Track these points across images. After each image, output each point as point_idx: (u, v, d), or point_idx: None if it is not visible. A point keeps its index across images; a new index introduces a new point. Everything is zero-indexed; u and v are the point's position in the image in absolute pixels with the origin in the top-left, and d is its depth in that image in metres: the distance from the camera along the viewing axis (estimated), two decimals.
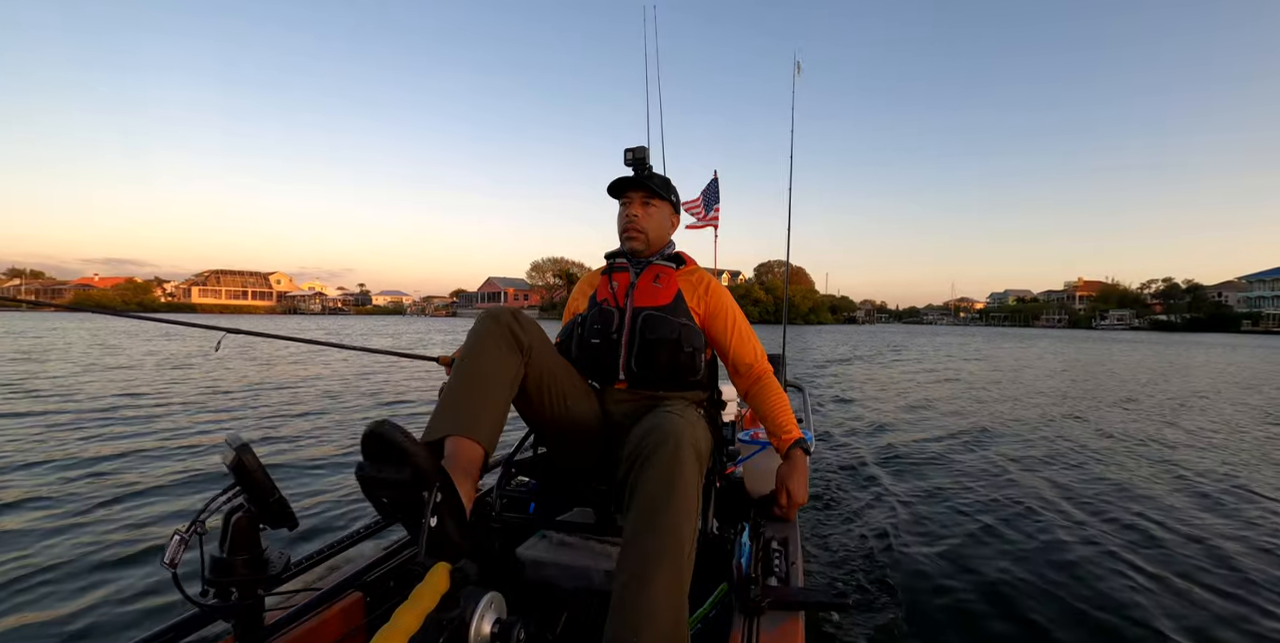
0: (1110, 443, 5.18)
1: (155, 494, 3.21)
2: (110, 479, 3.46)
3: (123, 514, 2.90)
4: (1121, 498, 3.49)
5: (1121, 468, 4.25)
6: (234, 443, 1.03)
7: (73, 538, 2.58)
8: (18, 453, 4.03)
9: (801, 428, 1.62)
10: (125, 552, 2.45)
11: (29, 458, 3.90)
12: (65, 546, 2.50)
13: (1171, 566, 2.56)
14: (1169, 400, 8.17)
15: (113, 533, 2.65)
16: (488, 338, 1.29)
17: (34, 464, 3.75)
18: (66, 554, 2.41)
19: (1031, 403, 7.69)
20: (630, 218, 1.64)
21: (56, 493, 3.19)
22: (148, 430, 4.88)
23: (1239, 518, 3.19)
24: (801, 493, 1.48)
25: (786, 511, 1.48)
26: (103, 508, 2.98)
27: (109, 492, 3.22)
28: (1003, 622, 2.09)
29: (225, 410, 5.82)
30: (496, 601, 0.90)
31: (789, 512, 1.48)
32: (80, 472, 3.60)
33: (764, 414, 1.60)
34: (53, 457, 3.93)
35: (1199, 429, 5.98)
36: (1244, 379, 11.68)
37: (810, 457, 1.60)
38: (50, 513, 2.86)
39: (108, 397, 6.54)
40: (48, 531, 2.66)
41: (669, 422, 1.18)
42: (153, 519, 2.83)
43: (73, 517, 2.82)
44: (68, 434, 4.67)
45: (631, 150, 1.63)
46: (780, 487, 1.49)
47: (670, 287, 1.61)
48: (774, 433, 1.58)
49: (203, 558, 1.00)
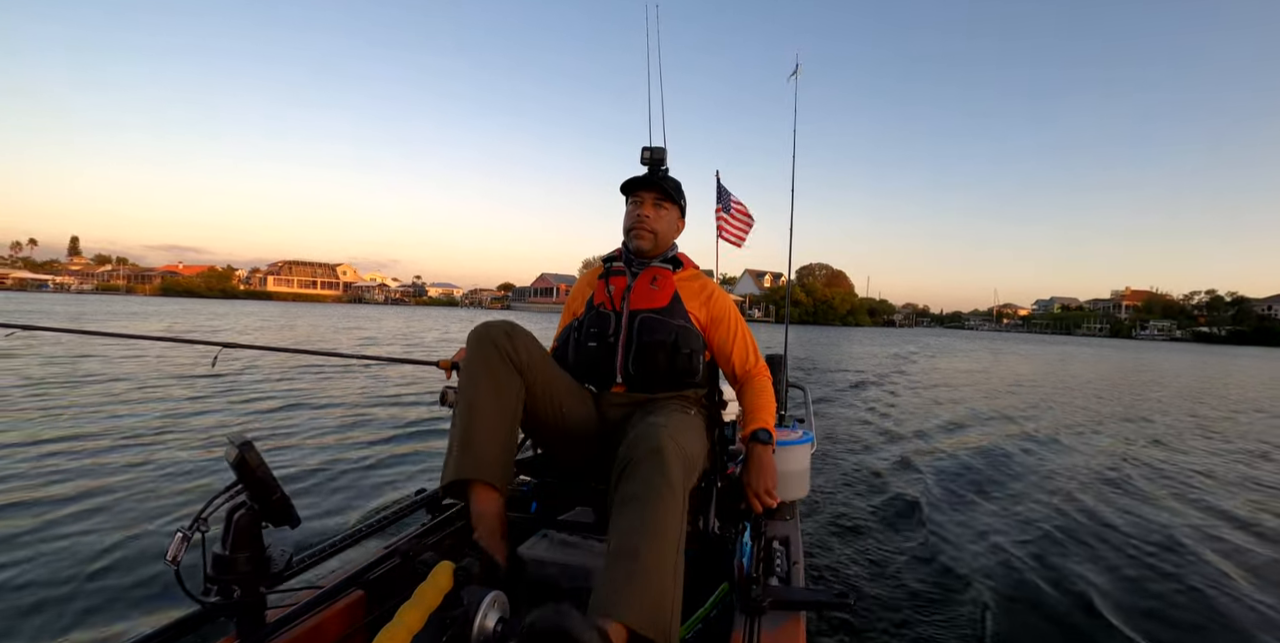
0: (1108, 444, 5.32)
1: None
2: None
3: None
4: (1123, 500, 3.49)
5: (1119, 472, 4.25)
6: (236, 441, 1.02)
7: (73, 538, 2.50)
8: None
9: (801, 428, 1.63)
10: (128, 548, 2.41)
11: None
12: (66, 544, 2.44)
13: (1172, 560, 2.57)
14: (1134, 396, 9.67)
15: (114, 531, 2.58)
16: (484, 366, 1.30)
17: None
18: (67, 553, 2.35)
19: (1028, 400, 8.18)
20: (641, 218, 1.61)
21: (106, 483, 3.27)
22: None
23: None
24: (757, 484, 1.42)
25: (753, 504, 1.44)
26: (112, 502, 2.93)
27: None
28: (1004, 622, 2.05)
29: (226, 411, 5.54)
30: (499, 599, 0.89)
31: (755, 504, 1.44)
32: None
33: (744, 409, 1.60)
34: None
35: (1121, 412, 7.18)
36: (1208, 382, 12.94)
37: (814, 456, 1.59)
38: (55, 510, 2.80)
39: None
40: (44, 530, 2.57)
41: (652, 432, 1.17)
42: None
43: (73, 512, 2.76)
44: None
45: (649, 149, 1.63)
46: (740, 478, 1.46)
47: (667, 289, 1.59)
48: (742, 425, 1.56)
49: (205, 556, 1.00)
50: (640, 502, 1.08)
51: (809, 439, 1.77)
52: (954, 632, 2.00)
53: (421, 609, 0.80)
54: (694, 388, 1.58)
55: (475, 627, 0.84)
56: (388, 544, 1.52)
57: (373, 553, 1.46)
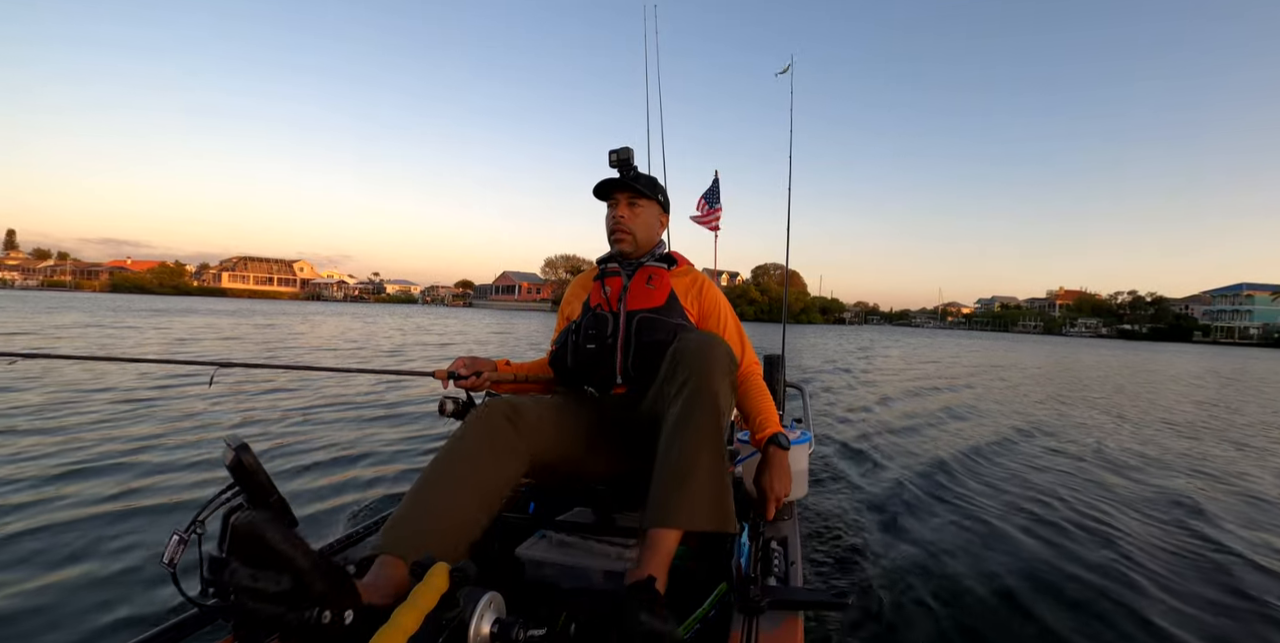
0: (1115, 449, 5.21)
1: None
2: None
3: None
4: (1122, 503, 3.43)
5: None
6: (233, 443, 1.01)
7: (75, 533, 2.50)
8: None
9: (800, 429, 1.61)
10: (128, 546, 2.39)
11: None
12: (64, 541, 2.41)
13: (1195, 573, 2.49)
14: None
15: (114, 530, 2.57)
16: (484, 442, 1.24)
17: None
18: (67, 552, 2.33)
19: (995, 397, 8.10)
20: (617, 219, 1.60)
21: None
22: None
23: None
24: (779, 488, 1.43)
25: (766, 507, 1.43)
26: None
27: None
28: (1004, 622, 2.04)
29: (224, 413, 5.64)
30: (496, 601, 0.89)
31: (768, 508, 1.44)
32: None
33: (746, 412, 1.57)
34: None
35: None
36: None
37: (810, 456, 1.58)
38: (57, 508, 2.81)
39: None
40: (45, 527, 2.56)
41: (698, 335, 1.27)
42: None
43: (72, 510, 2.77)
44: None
45: (615, 151, 1.59)
46: (757, 482, 1.45)
47: (663, 288, 1.58)
48: (754, 430, 1.53)
49: (201, 558, 0.97)
50: (687, 407, 1.19)
51: (807, 439, 1.77)
52: (955, 632, 1.97)
53: (417, 611, 0.78)
54: None
55: (471, 629, 0.84)
56: None
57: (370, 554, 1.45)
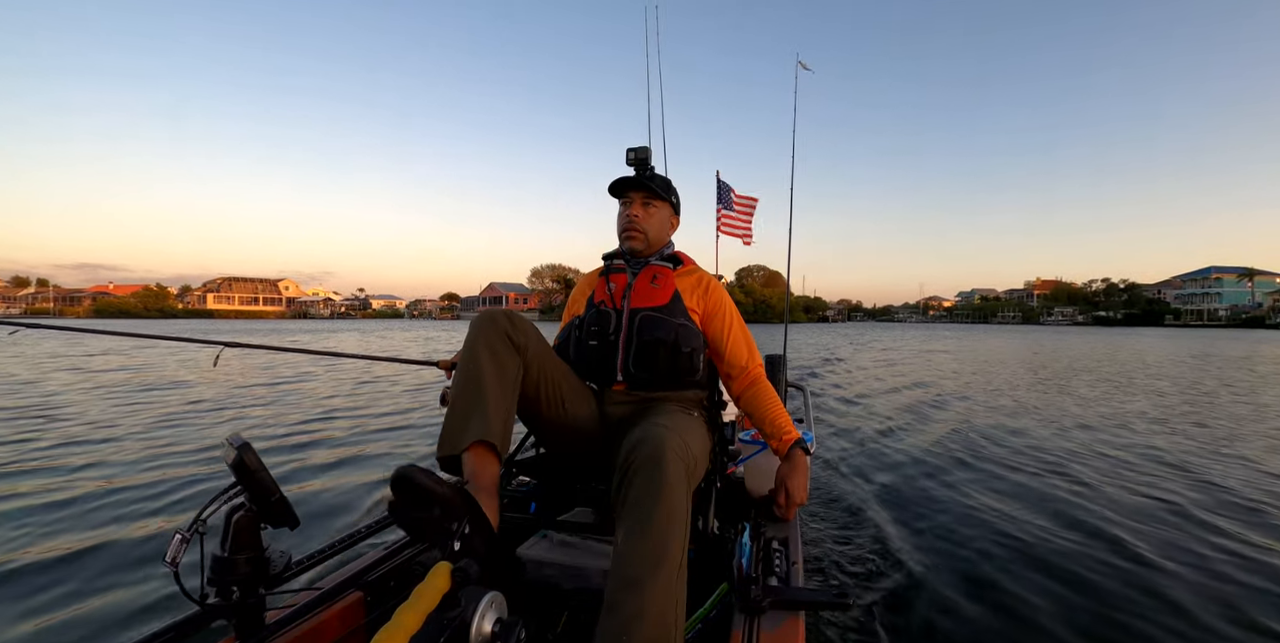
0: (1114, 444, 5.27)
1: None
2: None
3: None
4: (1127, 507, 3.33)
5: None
6: (235, 442, 1.02)
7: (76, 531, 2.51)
8: None
9: (801, 429, 1.62)
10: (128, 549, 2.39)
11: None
12: (65, 540, 2.43)
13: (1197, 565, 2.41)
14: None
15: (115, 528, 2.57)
16: (484, 341, 1.28)
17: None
18: (67, 551, 2.34)
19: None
20: (630, 218, 1.60)
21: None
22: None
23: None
24: (801, 493, 1.47)
25: (786, 510, 1.47)
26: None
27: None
28: (1005, 622, 2.01)
29: (229, 411, 5.68)
30: (497, 600, 0.89)
31: (788, 512, 1.47)
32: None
33: (761, 417, 1.56)
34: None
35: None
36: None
37: (810, 457, 1.60)
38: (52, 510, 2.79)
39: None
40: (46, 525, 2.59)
41: (655, 434, 1.16)
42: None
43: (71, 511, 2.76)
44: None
45: (634, 150, 1.60)
46: (780, 487, 1.48)
47: (667, 287, 1.57)
48: (773, 435, 1.55)
49: (203, 557, 0.99)
50: (643, 514, 1.06)
51: (809, 439, 1.76)
52: (956, 632, 1.95)
53: (419, 610, 0.79)
54: (695, 388, 1.56)
55: (473, 628, 0.84)
56: (386, 545, 1.51)
57: (371, 554, 1.46)
